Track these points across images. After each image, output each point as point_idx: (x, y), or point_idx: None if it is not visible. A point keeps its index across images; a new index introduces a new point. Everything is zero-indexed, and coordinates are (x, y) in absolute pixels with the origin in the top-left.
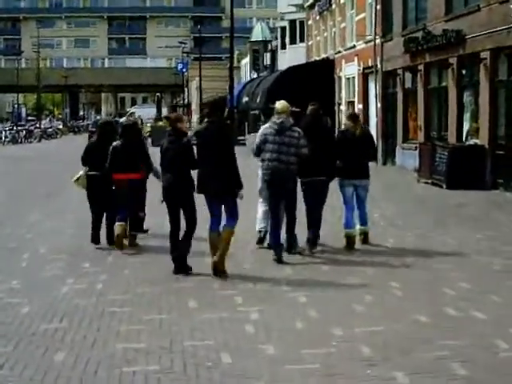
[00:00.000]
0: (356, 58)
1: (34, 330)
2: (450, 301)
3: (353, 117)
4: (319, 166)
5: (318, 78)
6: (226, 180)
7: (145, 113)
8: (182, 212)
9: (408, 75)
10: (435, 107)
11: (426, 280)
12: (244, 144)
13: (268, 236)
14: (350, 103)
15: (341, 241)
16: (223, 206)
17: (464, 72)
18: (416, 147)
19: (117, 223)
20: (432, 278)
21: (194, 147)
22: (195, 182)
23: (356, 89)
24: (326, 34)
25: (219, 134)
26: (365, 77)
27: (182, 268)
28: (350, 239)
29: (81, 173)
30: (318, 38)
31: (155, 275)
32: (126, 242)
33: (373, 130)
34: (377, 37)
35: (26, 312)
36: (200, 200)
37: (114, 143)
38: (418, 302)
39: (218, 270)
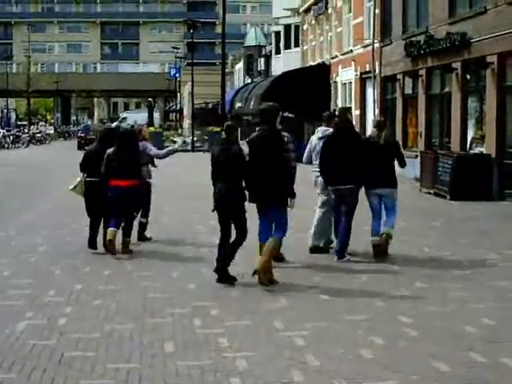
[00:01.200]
0: (353, 63)
1: None
2: (472, 342)
3: (379, 124)
4: (346, 173)
5: (313, 84)
6: (275, 189)
7: (137, 118)
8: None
9: (408, 80)
10: (437, 114)
11: (441, 314)
12: None
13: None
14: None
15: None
16: (273, 216)
17: (469, 77)
18: (416, 155)
19: (109, 229)
20: (449, 312)
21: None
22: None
23: (353, 94)
24: (321, 39)
25: (271, 142)
26: (362, 82)
27: (224, 278)
28: (375, 248)
29: (78, 179)
30: (314, 42)
31: (131, 306)
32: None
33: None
34: (375, 41)
35: None
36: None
37: (109, 150)
38: (435, 343)
39: (260, 281)
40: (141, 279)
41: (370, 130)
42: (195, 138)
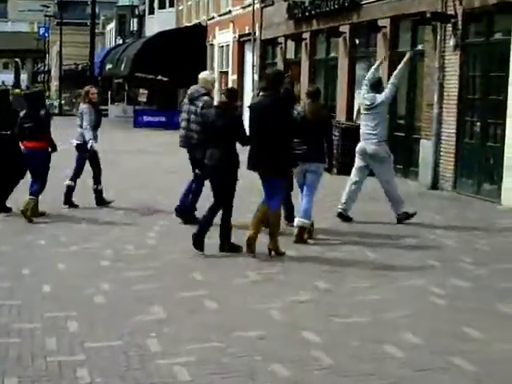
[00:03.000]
0: (231, 25)
1: None
2: (396, 371)
3: (312, 94)
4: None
5: (188, 46)
6: (271, 159)
7: (4, 79)
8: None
9: (291, 44)
10: (322, 81)
11: (352, 327)
12: (106, 115)
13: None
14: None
15: None
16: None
17: (358, 42)
18: None
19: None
20: (363, 324)
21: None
22: (244, 159)
23: (230, 58)
24: None
25: (274, 109)
26: (241, 45)
27: (198, 244)
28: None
29: None
30: (190, 2)
31: None
32: None
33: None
34: (256, 1)
35: None
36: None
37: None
38: (353, 374)
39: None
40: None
41: (249, 96)
42: (63, 101)
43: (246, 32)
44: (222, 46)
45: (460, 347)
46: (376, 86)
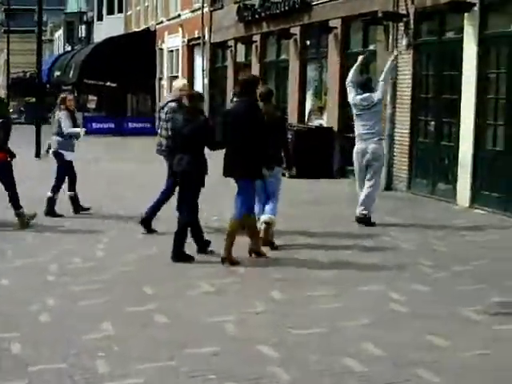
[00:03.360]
0: (181, 29)
1: None
2: None
3: (265, 96)
4: None
5: (137, 51)
6: (248, 163)
7: None
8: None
9: (241, 47)
10: (273, 83)
11: (311, 340)
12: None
13: None
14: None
15: None
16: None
17: (309, 43)
18: None
19: None
20: (321, 336)
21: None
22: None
23: (180, 63)
24: (146, 4)
25: (249, 114)
26: (190, 49)
27: (180, 256)
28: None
29: None
30: (138, 7)
31: None
32: None
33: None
34: (205, 5)
35: None
36: None
37: None
38: None
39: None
40: None
41: None
42: (11, 110)
43: (196, 36)
44: (172, 51)
45: (424, 357)
46: (368, 85)
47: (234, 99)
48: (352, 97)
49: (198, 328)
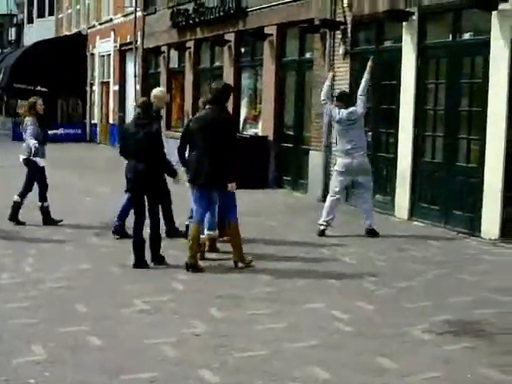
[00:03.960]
0: (112, 34)
1: None
2: None
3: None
4: None
5: (68, 55)
6: (216, 172)
7: None
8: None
9: (174, 53)
10: (207, 91)
11: (257, 360)
12: None
13: None
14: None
15: None
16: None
17: (243, 50)
18: None
19: None
20: (268, 356)
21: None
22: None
23: (112, 68)
24: (78, 7)
25: (220, 122)
26: (122, 54)
27: (142, 263)
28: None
29: None
30: (70, 10)
31: None
32: None
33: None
34: (138, 9)
35: None
36: None
37: None
38: None
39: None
40: None
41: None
42: None
43: (128, 41)
44: (103, 56)
45: (374, 381)
46: (349, 99)
47: (206, 106)
48: (336, 113)
49: (133, 351)
